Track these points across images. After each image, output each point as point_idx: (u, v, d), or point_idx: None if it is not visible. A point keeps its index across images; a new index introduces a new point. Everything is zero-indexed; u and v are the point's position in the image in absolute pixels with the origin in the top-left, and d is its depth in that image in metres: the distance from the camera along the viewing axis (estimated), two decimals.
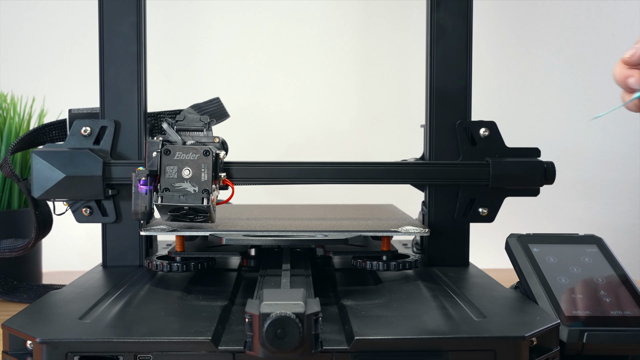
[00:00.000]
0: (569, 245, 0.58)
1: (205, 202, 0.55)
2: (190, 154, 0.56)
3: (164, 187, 0.55)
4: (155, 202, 0.55)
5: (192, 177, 0.56)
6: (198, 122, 0.62)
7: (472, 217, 0.65)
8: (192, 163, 0.56)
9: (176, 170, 0.56)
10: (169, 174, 0.56)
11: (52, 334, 0.43)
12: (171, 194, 0.55)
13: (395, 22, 1.09)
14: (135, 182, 0.55)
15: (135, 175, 0.56)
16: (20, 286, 0.73)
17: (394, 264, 0.58)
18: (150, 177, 0.56)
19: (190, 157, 0.56)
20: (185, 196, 0.55)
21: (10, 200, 0.77)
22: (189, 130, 0.61)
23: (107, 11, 0.64)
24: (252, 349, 0.40)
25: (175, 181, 0.55)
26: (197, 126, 0.61)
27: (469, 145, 0.65)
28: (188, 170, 0.56)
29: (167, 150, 0.56)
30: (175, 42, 1.07)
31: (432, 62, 0.65)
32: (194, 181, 0.56)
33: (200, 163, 0.56)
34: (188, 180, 0.55)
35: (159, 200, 0.55)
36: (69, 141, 0.63)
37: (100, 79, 0.64)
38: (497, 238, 0.68)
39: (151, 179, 0.56)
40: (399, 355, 0.42)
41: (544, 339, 0.45)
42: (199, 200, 0.55)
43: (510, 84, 1.09)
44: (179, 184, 0.55)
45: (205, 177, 0.56)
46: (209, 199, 0.55)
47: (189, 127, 0.61)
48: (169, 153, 0.56)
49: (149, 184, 0.55)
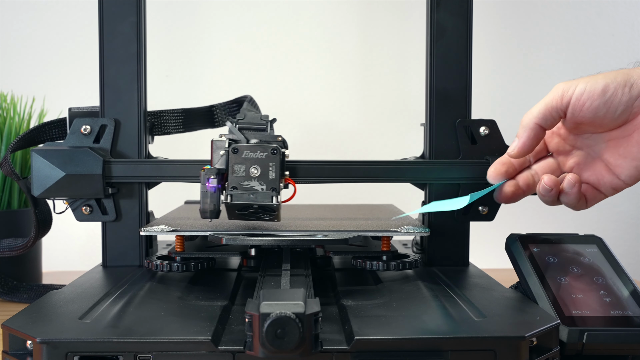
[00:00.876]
0: (569, 245, 0.58)
1: (275, 200, 0.55)
2: (258, 152, 0.56)
3: (232, 186, 0.55)
4: (225, 200, 0.55)
5: (260, 175, 0.55)
6: (259, 120, 0.61)
7: (472, 215, 0.65)
8: (260, 161, 0.55)
9: (244, 169, 0.55)
10: (237, 172, 0.55)
11: (52, 334, 0.43)
12: (240, 193, 0.55)
13: (395, 22, 1.09)
14: (204, 180, 0.55)
15: (203, 174, 0.55)
16: (20, 286, 0.73)
17: (394, 264, 0.58)
18: (218, 176, 0.55)
19: (258, 156, 0.55)
20: (254, 195, 0.55)
21: (10, 200, 0.77)
22: (250, 129, 0.60)
23: (107, 11, 0.64)
24: (252, 349, 0.40)
25: (243, 180, 0.55)
26: (259, 124, 0.61)
27: (469, 143, 0.65)
28: (256, 169, 0.55)
29: (235, 149, 0.55)
30: (175, 42, 1.07)
31: (432, 62, 0.65)
32: (261, 179, 0.55)
33: (268, 161, 0.56)
34: (256, 178, 0.55)
35: (229, 198, 0.55)
36: (69, 140, 0.63)
37: (100, 78, 0.64)
38: (497, 238, 0.68)
39: (219, 178, 0.56)
40: (399, 355, 0.42)
41: (544, 339, 0.45)
42: (268, 199, 0.55)
43: (510, 84, 1.09)
44: (246, 183, 0.55)
45: (273, 176, 0.56)
46: (278, 197, 0.55)
47: (251, 125, 0.60)
48: (237, 152, 0.56)
49: (217, 182, 0.55)
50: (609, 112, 0.54)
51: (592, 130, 0.57)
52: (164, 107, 0.71)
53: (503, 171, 0.59)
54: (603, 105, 0.53)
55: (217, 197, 0.55)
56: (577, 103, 0.54)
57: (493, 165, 0.60)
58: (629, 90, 0.53)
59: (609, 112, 0.54)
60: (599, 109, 0.54)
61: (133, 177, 0.63)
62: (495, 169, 0.60)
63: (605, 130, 0.56)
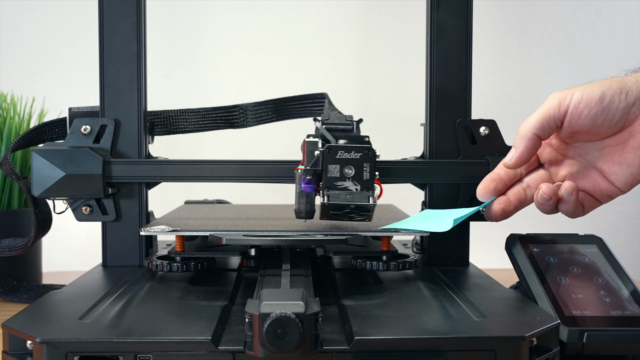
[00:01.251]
0: (569, 245, 0.58)
1: (371, 200, 0.55)
2: (352, 153, 0.55)
3: (326, 186, 0.55)
4: (322, 201, 0.55)
5: (354, 175, 0.55)
6: (344, 120, 0.61)
7: (472, 216, 0.65)
8: (354, 162, 0.55)
9: (338, 169, 0.55)
10: (331, 172, 0.55)
11: (52, 334, 0.43)
12: (337, 193, 0.55)
13: (395, 22, 1.09)
14: (299, 181, 0.55)
15: (299, 175, 0.55)
16: (20, 286, 0.73)
17: (394, 264, 0.58)
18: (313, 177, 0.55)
19: (352, 156, 0.55)
20: (351, 195, 0.55)
21: (10, 200, 0.77)
22: (337, 129, 0.60)
23: (107, 11, 0.64)
24: (252, 349, 0.40)
25: (337, 180, 0.55)
26: (345, 125, 0.61)
27: (469, 143, 0.65)
28: (350, 169, 0.55)
29: (330, 150, 0.55)
30: (175, 42, 1.07)
31: (432, 62, 0.65)
32: (356, 180, 0.55)
33: (362, 162, 0.55)
34: (350, 178, 0.55)
35: (325, 199, 0.55)
36: (69, 140, 0.63)
37: (100, 78, 0.64)
38: (497, 238, 0.68)
39: (314, 178, 0.55)
40: (399, 355, 0.42)
41: (544, 339, 0.45)
42: (365, 199, 0.55)
43: (510, 84, 1.09)
44: (340, 183, 0.55)
45: (368, 176, 0.55)
46: (375, 197, 0.55)
47: (337, 126, 0.60)
48: (331, 152, 0.55)
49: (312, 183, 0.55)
50: (607, 119, 0.54)
51: (586, 138, 0.57)
52: (163, 107, 0.71)
53: (492, 188, 0.58)
54: (601, 112, 0.53)
55: (313, 197, 0.56)
56: (575, 111, 0.54)
57: (482, 183, 0.59)
58: (625, 97, 0.53)
59: (606, 120, 0.54)
60: (596, 116, 0.54)
61: (133, 177, 0.63)
62: (484, 187, 0.59)
63: (600, 139, 0.56)
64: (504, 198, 0.58)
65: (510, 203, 0.58)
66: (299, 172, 0.55)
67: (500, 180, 0.59)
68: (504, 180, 0.59)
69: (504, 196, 0.59)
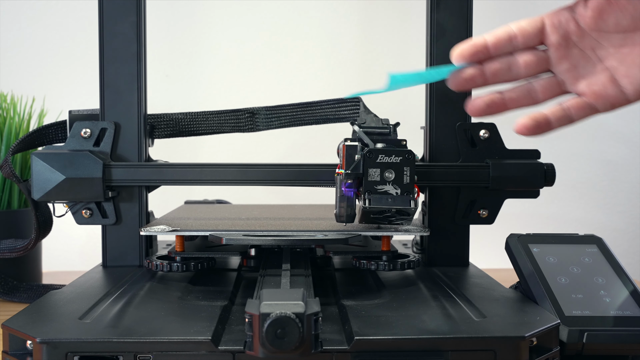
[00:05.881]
0: (569, 245, 0.58)
1: (413, 204, 0.55)
2: (393, 156, 0.55)
3: (367, 190, 0.55)
4: (364, 205, 0.55)
5: (394, 179, 0.55)
6: (381, 124, 0.61)
7: (472, 219, 0.65)
8: (394, 166, 0.55)
9: (378, 173, 0.55)
10: (372, 176, 0.55)
11: (52, 334, 0.43)
12: (379, 197, 0.55)
13: (395, 22, 1.09)
14: (340, 185, 0.55)
15: (339, 179, 0.55)
16: (20, 286, 0.73)
17: (394, 264, 0.58)
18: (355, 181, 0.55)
19: (392, 160, 0.55)
20: (392, 199, 0.55)
21: (10, 201, 0.77)
22: (374, 133, 0.60)
23: (107, 11, 0.64)
24: (252, 349, 0.40)
25: (377, 184, 0.55)
26: (382, 128, 0.60)
27: (469, 147, 0.65)
28: (391, 173, 0.55)
29: (370, 153, 0.55)
30: (175, 42, 1.07)
31: (432, 62, 0.65)
32: (396, 184, 0.55)
33: (402, 165, 0.55)
34: (391, 182, 0.55)
35: (367, 203, 0.55)
36: (69, 143, 0.63)
37: (100, 79, 0.64)
38: (497, 238, 0.68)
39: (355, 182, 0.55)
40: (399, 355, 0.42)
41: (544, 339, 0.45)
42: (407, 203, 0.55)
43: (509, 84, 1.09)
44: (381, 187, 0.55)
45: (408, 180, 0.55)
46: (416, 201, 0.55)
47: (374, 129, 0.60)
48: (372, 156, 0.55)
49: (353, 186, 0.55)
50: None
51: (614, 26, 0.49)
52: (163, 108, 0.71)
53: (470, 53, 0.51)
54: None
55: (354, 201, 0.56)
56: None
57: (459, 45, 0.52)
58: None
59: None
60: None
61: (133, 180, 0.63)
62: (461, 50, 0.51)
63: (628, 31, 0.49)
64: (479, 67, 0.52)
65: (483, 73, 0.52)
66: (340, 176, 0.55)
67: (484, 48, 0.51)
68: (488, 49, 0.52)
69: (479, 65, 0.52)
